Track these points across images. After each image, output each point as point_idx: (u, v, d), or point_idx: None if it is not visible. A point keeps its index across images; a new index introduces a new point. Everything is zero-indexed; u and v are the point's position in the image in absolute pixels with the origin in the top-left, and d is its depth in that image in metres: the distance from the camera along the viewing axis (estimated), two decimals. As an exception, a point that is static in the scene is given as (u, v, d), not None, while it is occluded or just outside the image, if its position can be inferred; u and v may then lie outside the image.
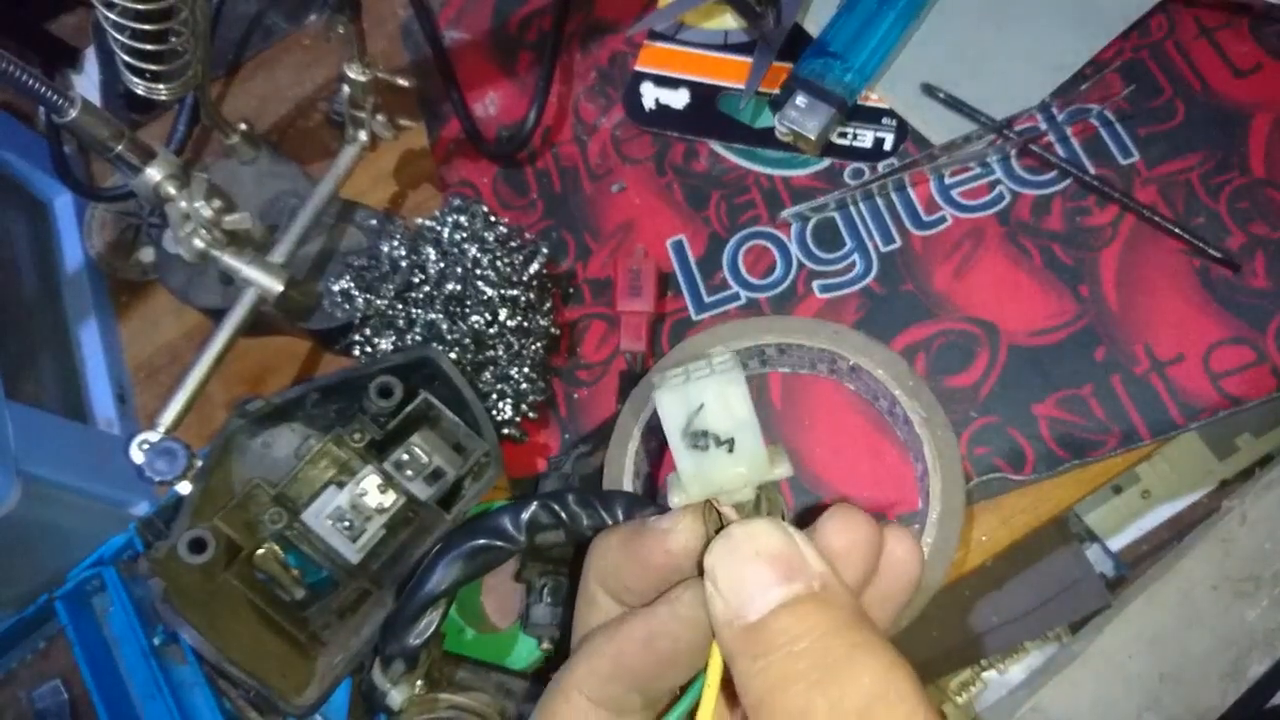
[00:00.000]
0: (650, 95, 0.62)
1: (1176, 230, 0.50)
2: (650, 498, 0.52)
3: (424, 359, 0.48)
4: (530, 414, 0.54)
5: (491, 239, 0.53)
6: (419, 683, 0.44)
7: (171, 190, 0.52)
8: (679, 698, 0.29)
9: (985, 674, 0.76)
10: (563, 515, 0.38)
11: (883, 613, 0.28)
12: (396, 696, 0.43)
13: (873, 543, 0.27)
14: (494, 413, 0.53)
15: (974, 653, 0.74)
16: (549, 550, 0.44)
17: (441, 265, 0.53)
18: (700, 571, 0.27)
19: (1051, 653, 0.72)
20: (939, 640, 0.70)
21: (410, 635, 0.41)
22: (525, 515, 0.39)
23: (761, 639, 0.25)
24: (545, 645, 0.48)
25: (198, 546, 0.42)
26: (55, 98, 0.46)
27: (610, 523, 0.37)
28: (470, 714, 0.45)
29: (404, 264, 0.54)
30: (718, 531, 0.27)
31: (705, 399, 0.28)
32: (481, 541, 0.40)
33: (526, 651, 0.50)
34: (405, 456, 0.47)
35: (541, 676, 0.49)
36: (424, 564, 0.41)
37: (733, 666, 0.25)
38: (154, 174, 0.51)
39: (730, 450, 0.28)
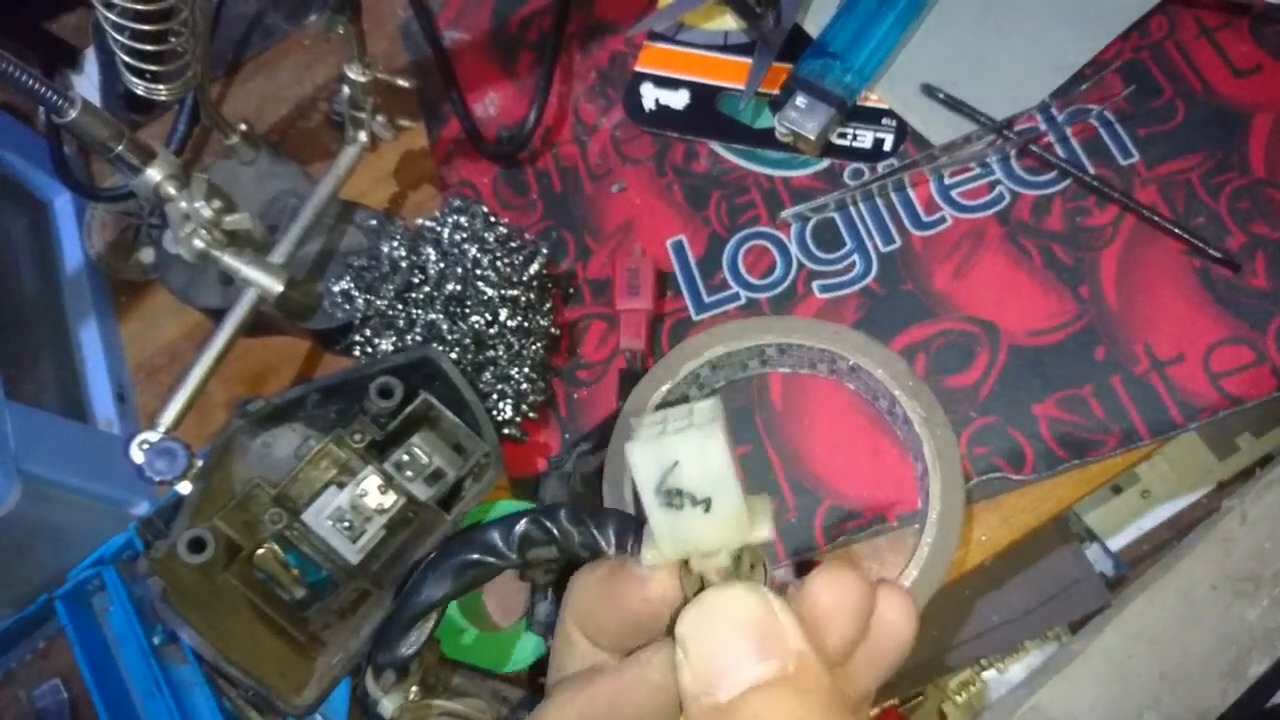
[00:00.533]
0: (650, 96, 0.62)
1: (1176, 230, 0.50)
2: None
3: (424, 359, 0.48)
4: (530, 414, 0.54)
5: (492, 239, 0.53)
6: (414, 689, 0.43)
7: (171, 190, 0.52)
8: None
9: (985, 674, 0.76)
10: (554, 532, 0.38)
11: (870, 675, 0.27)
12: (388, 705, 0.43)
13: (863, 604, 0.26)
14: (494, 413, 0.53)
15: (974, 652, 0.74)
16: (542, 563, 0.43)
17: (441, 266, 0.53)
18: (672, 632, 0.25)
19: (1051, 652, 0.71)
20: (939, 640, 0.70)
21: (401, 645, 0.41)
22: (517, 531, 0.39)
23: None
24: (550, 643, 0.48)
25: (197, 546, 0.42)
26: (55, 98, 0.46)
27: (602, 543, 0.37)
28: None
29: (404, 264, 0.54)
30: (696, 592, 0.26)
31: (680, 455, 0.25)
32: (473, 556, 0.39)
33: (530, 649, 0.50)
34: (405, 457, 0.47)
35: (535, 677, 0.49)
36: (415, 576, 0.41)
37: None
38: (154, 174, 0.51)
39: (707, 510, 0.26)
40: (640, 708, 0.27)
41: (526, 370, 0.53)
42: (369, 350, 0.54)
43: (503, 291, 0.52)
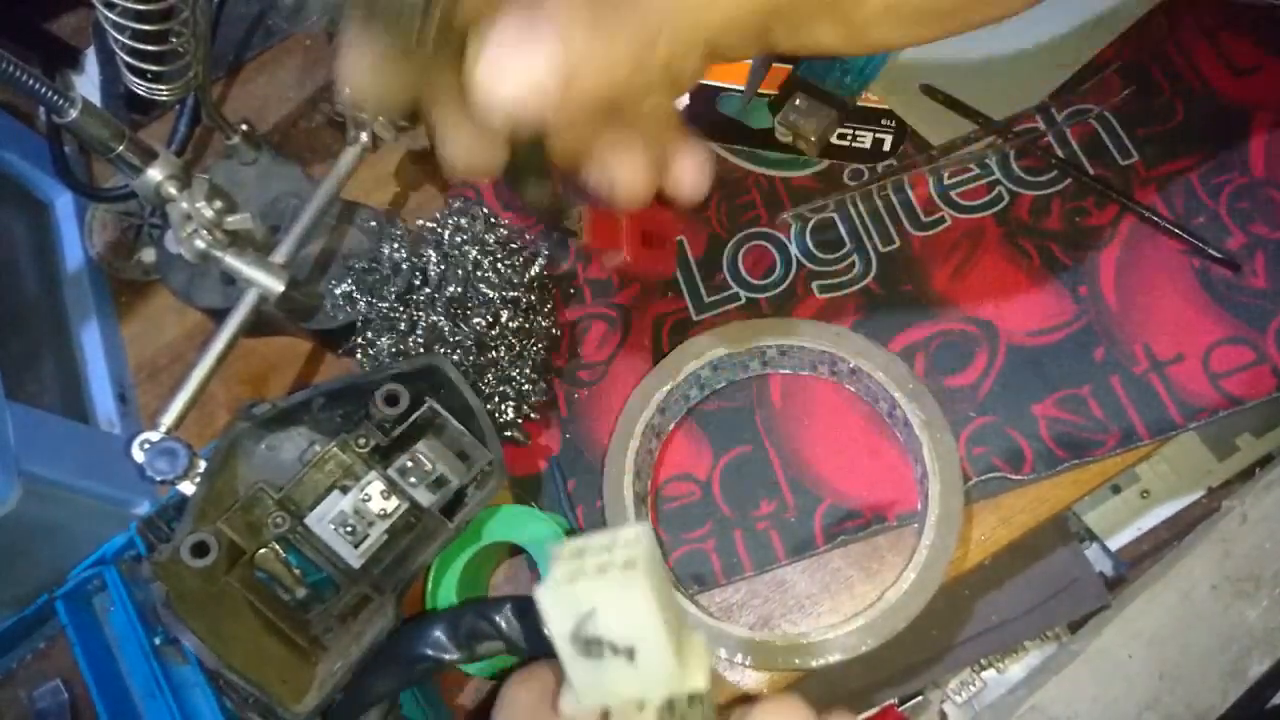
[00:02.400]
0: (650, 96, 0.62)
1: (1176, 230, 0.50)
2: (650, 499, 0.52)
3: (430, 367, 0.48)
4: (532, 415, 0.54)
5: (492, 241, 0.53)
6: None
7: (173, 191, 0.52)
8: None
9: (985, 673, 0.76)
10: (502, 627, 0.38)
11: None
12: None
13: None
14: (496, 415, 0.53)
15: (973, 652, 0.74)
16: (493, 655, 0.43)
17: (443, 267, 0.53)
18: None
19: (1051, 652, 0.71)
20: (938, 640, 0.69)
21: None
22: (463, 628, 0.39)
23: None
24: None
25: (200, 550, 0.43)
26: (55, 98, 0.46)
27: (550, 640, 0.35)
28: None
29: (405, 266, 0.54)
30: None
31: (597, 602, 0.23)
32: (421, 652, 0.40)
33: None
34: (409, 463, 0.47)
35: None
36: (367, 666, 0.40)
37: None
38: (155, 175, 0.51)
39: (630, 660, 0.23)
40: None
41: (528, 371, 0.53)
42: (370, 352, 0.54)
43: (504, 293, 0.52)
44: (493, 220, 0.55)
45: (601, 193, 0.29)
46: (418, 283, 0.54)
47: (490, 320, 0.52)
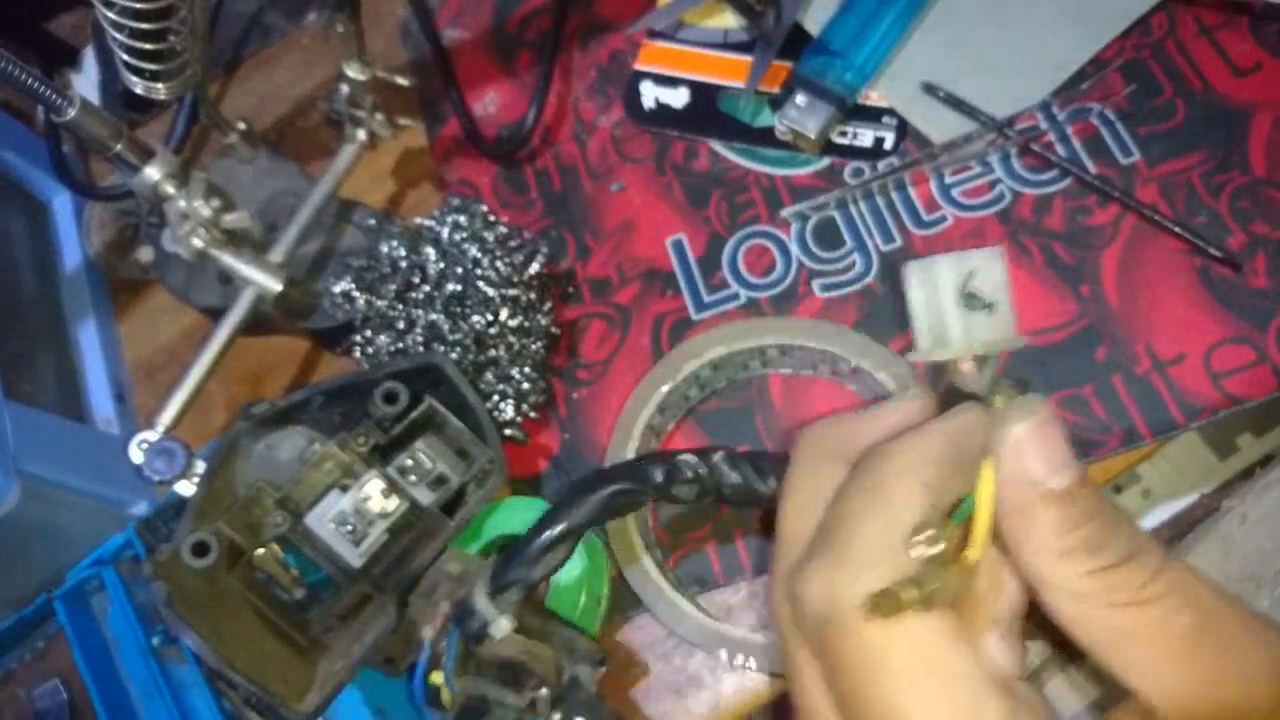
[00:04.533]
0: (650, 94, 0.62)
1: (1177, 229, 0.50)
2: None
3: (430, 365, 0.48)
4: (531, 414, 0.54)
5: (491, 239, 0.53)
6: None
7: (170, 189, 0.52)
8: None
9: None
10: (701, 472, 0.39)
11: None
12: (504, 624, 0.41)
13: None
14: (495, 413, 0.53)
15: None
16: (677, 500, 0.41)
17: (441, 265, 0.53)
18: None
19: (1052, 653, 0.71)
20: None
21: (536, 567, 0.40)
22: (663, 465, 0.39)
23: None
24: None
25: (200, 550, 0.42)
26: (54, 97, 0.46)
27: (759, 487, 0.39)
28: (535, 661, 0.43)
29: (404, 264, 0.54)
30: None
31: (976, 265, 0.33)
32: (624, 485, 0.39)
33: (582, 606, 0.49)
34: (409, 462, 0.47)
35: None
36: (563, 499, 0.40)
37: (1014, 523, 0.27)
38: (153, 173, 0.51)
39: (991, 313, 0.33)
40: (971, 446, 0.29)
41: (527, 370, 0.53)
42: (369, 350, 0.54)
43: (503, 291, 0.52)
44: (491, 218, 0.54)
45: None
46: (416, 281, 0.53)
47: (489, 318, 0.52)
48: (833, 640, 0.28)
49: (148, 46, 0.46)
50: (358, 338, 0.54)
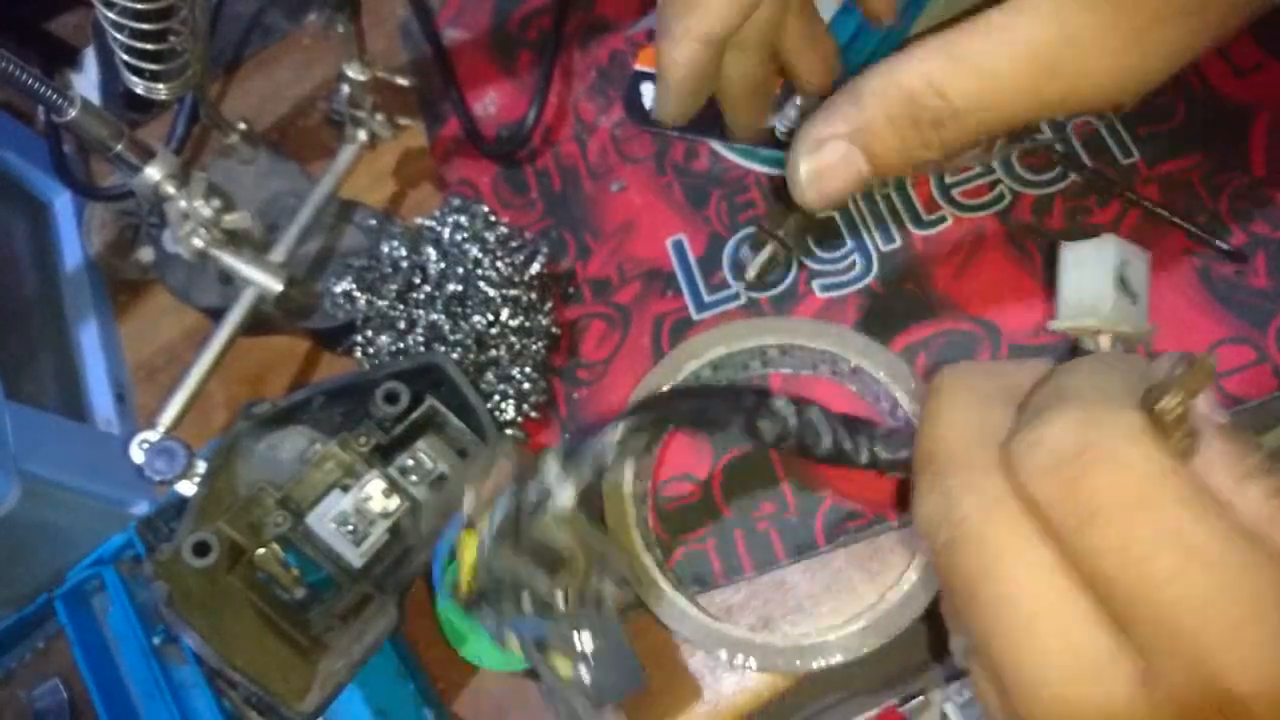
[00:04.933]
0: (650, 94, 0.62)
1: (1180, 223, 0.50)
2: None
3: (431, 365, 0.48)
4: (532, 414, 0.54)
5: (492, 239, 0.53)
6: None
7: (171, 189, 0.52)
8: None
9: (985, 673, 0.76)
10: (789, 421, 0.39)
11: None
12: (569, 493, 0.39)
13: None
14: (496, 414, 0.53)
15: (974, 652, 0.74)
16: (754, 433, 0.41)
17: (442, 265, 0.53)
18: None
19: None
20: (941, 640, 0.70)
21: (614, 448, 0.39)
22: (763, 399, 0.39)
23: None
24: None
25: (201, 550, 0.42)
26: (55, 97, 0.46)
27: (857, 456, 0.40)
28: (573, 555, 0.41)
29: (404, 264, 0.54)
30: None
31: (1130, 256, 0.38)
32: (715, 399, 0.39)
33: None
34: (410, 462, 0.47)
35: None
36: (657, 396, 0.42)
37: None
38: (153, 173, 0.51)
39: (1134, 301, 0.38)
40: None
41: (528, 370, 0.53)
42: (370, 350, 0.54)
43: (504, 291, 0.52)
44: (492, 218, 0.54)
45: None
46: (417, 281, 0.53)
47: (490, 318, 0.52)
48: (1102, 475, 0.25)
49: (148, 47, 0.46)
50: (358, 338, 0.54)
